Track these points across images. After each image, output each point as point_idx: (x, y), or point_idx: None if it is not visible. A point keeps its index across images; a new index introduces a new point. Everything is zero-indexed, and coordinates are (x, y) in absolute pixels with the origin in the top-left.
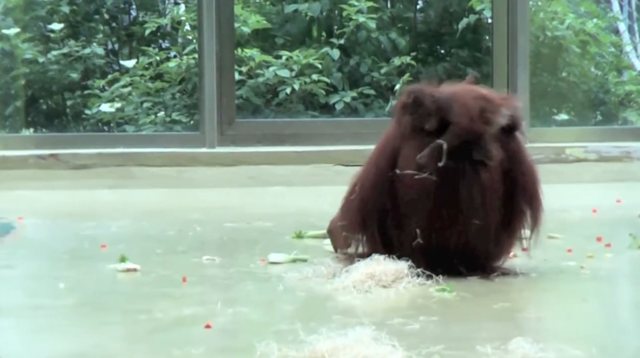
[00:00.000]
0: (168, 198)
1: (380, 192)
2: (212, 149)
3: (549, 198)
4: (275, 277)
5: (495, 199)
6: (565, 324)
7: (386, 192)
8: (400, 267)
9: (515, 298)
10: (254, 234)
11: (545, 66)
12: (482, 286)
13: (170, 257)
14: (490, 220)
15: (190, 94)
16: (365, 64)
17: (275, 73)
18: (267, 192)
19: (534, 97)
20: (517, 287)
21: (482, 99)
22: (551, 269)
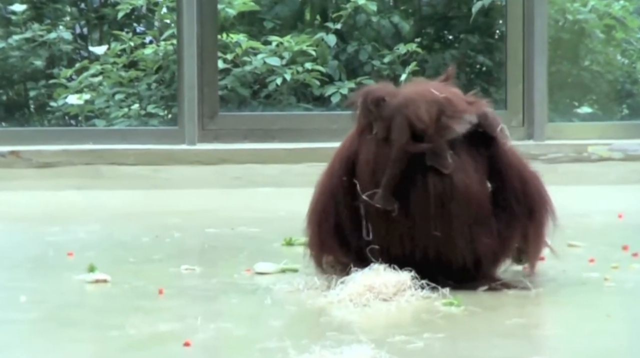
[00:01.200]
0: (143, 200)
1: (338, 202)
2: (193, 146)
3: (569, 202)
4: (263, 289)
5: (468, 206)
6: (587, 342)
7: (344, 202)
8: (403, 278)
9: (530, 313)
10: (239, 241)
11: (566, 53)
12: (493, 299)
13: (145, 266)
14: (455, 230)
15: (168, 84)
16: (365, 51)
17: (264, 61)
18: (254, 193)
19: (552, 88)
20: (532, 300)
21: (439, 103)
22: (571, 281)
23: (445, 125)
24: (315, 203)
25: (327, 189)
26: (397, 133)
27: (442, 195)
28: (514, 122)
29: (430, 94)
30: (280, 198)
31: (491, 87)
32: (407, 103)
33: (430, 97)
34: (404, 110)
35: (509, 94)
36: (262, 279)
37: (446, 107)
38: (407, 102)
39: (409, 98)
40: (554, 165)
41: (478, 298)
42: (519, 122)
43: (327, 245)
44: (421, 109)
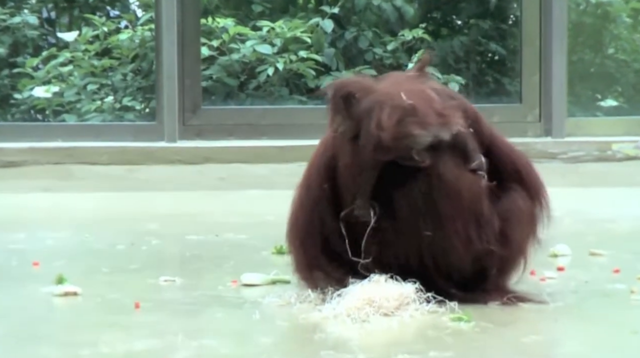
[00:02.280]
0: (117, 203)
1: (322, 214)
2: (172, 143)
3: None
4: (250, 302)
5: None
6: None
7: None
8: (406, 291)
9: (548, 329)
10: (224, 249)
11: (588, 41)
12: (507, 314)
13: (120, 277)
14: (448, 229)
15: (146, 75)
16: (365, 38)
17: (253, 49)
18: (241, 196)
19: (573, 79)
20: (551, 315)
21: (404, 110)
22: (594, 293)
23: (406, 133)
24: (295, 220)
25: (306, 202)
26: (364, 138)
27: (430, 191)
28: (529, 117)
29: (398, 98)
30: (270, 202)
31: (504, 78)
32: (374, 106)
33: (396, 102)
34: (371, 113)
35: (524, 86)
36: (249, 292)
37: (410, 115)
38: (374, 104)
39: (377, 100)
40: (574, 165)
41: (490, 312)
42: (536, 117)
43: (316, 265)
44: (383, 115)
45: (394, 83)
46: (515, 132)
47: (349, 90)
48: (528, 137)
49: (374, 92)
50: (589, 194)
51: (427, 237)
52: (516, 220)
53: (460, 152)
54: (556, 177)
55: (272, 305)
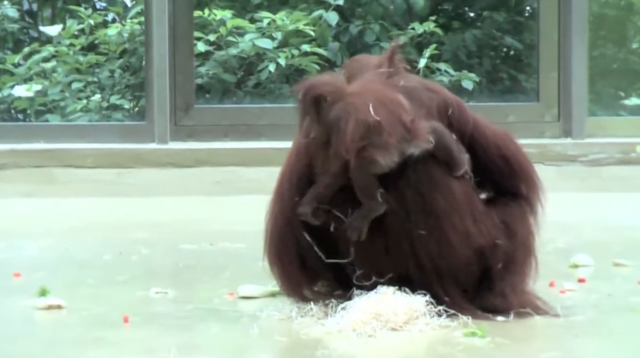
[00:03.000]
0: (104, 210)
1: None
2: (164, 145)
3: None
4: (248, 316)
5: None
6: None
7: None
8: (416, 304)
9: (568, 346)
10: (220, 259)
11: (610, 34)
12: (524, 329)
13: (107, 289)
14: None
15: (135, 71)
16: (371, 32)
17: (252, 43)
18: (238, 202)
19: (594, 76)
20: (571, 330)
21: (368, 127)
22: (617, 307)
23: (368, 158)
24: (270, 237)
25: (279, 215)
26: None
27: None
28: (547, 116)
29: (365, 112)
30: None
31: (520, 75)
32: (341, 117)
33: (362, 117)
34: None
35: (541, 83)
36: (247, 304)
37: (375, 133)
38: (341, 115)
39: (345, 110)
40: (596, 168)
41: (505, 327)
42: (554, 117)
43: (293, 282)
44: (348, 132)
45: (366, 84)
46: (532, 133)
47: (319, 93)
48: (546, 138)
49: (344, 97)
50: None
51: (422, 237)
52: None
53: (444, 156)
54: (576, 181)
55: (271, 319)
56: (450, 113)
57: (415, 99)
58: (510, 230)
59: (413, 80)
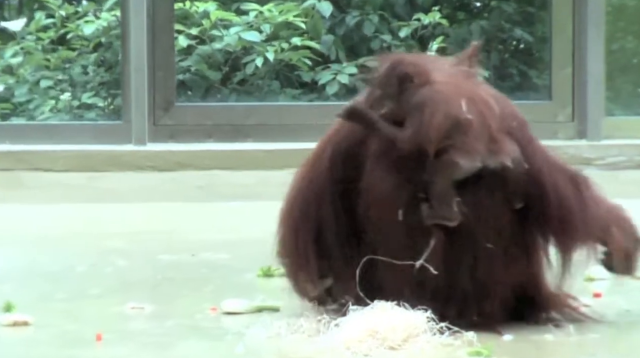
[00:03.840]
0: (75, 217)
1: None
2: (141, 146)
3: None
4: (233, 333)
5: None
6: None
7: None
8: (416, 320)
9: None
10: (202, 271)
11: (630, 26)
12: (533, 348)
13: (79, 304)
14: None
15: (110, 67)
16: (370, 24)
17: (239, 36)
18: (222, 209)
19: (612, 72)
20: (585, 348)
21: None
22: (636, 323)
23: (449, 160)
24: (292, 202)
25: (309, 185)
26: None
27: (495, 199)
28: (561, 116)
29: (456, 107)
30: (257, 215)
31: (531, 70)
32: (428, 104)
33: (452, 111)
34: (423, 111)
35: (554, 79)
36: (231, 321)
37: (461, 133)
38: (428, 103)
39: (433, 99)
40: (613, 172)
41: (513, 346)
42: (568, 116)
43: (302, 257)
44: (434, 123)
45: (450, 77)
46: (544, 134)
47: (407, 71)
48: (559, 140)
49: (431, 84)
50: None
51: (487, 250)
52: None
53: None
54: None
55: (258, 336)
56: (514, 125)
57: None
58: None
59: (489, 87)
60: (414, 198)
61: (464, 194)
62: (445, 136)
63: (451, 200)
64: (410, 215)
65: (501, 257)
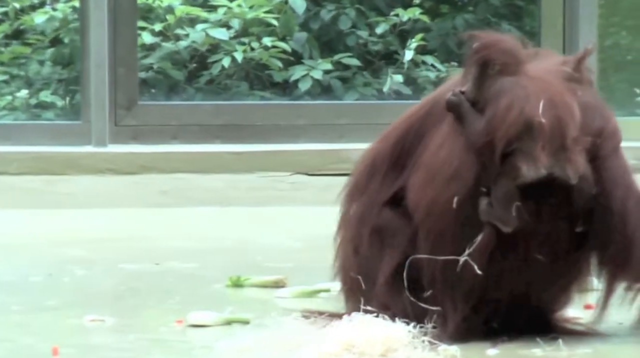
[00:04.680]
0: (31, 223)
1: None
2: (102, 148)
3: None
4: (200, 347)
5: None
6: None
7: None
8: (396, 333)
9: None
10: (168, 281)
11: (625, 20)
12: None
13: (34, 316)
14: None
15: (69, 63)
16: (347, 18)
17: (206, 33)
18: (188, 215)
19: (605, 69)
20: None
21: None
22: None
23: (512, 163)
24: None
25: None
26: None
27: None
28: None
29: (533, 106)
30: (225, 222)
31: None
32: (505, 96)
33: (527, 110)
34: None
35: None
36: (198, 334)
37: (531, 137)
38: (506, 94)
39: (512, 91)
40: None
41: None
42: None
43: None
44: (506, 119)
45: (544, 74)
46: None
47: (490, 58)
48: None
49: (517, 74)
50: None
51: (535, 263)
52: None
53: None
54: None
55: (227, 350)
56: (597, 142)
57: (582, 116)
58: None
59: (590, 95)
60: (476, 190)
61: (527, 201)
62: (515, 136)
63: (511, 205)
64: (466, 206)
65: (548, 274)
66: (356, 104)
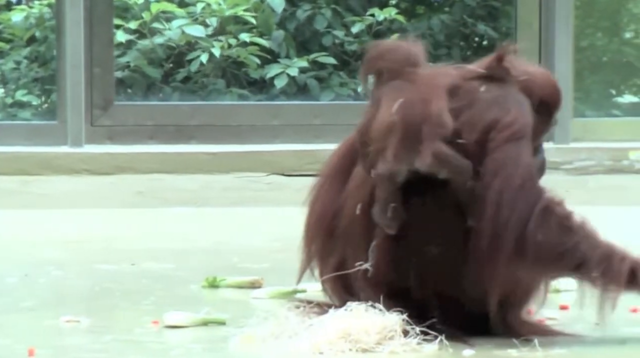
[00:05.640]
0: (6, 224)
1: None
2: (78, 148)
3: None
4: (176, 347)
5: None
6: None
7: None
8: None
9: None
10: (143, 282)
11: (601, 22)
12: None
13: (10, 317)
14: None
15: (45, 62)
16: (323, 18)
17: (182, 30)
18: (164, 215)
19: (581, 70)
20: None
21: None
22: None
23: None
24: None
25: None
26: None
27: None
28: None
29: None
30: (201, 223)
31: None
32: (381, 101)
33: (386, 110)
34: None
35: None
36: (174, 335)
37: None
38: (382, 99)
39: (388, 95)
40: (582, 177)
41: None
42: None
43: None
44: (374, 124)
45: (430, 77)
46: None
47: (382, 67)
48: None
49: (406, 79)
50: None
51: (433, 256)
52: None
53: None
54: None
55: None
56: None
57: (479, 109)
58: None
59: (497, 91)
60: (371, 196)
61: (411, 200)
62: (376, 137)
63: (387, 206)
64: (366, 212)
65: (451, 266)
66: (332, 104)
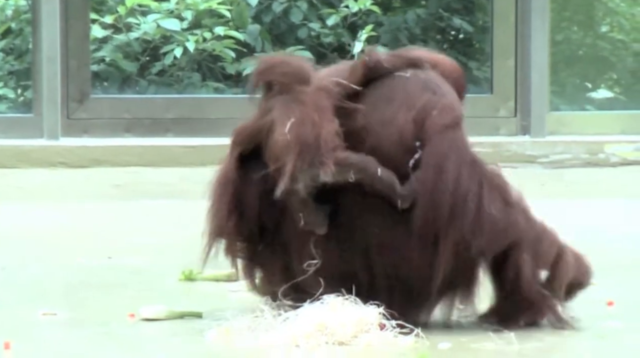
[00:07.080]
0: None
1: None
2: (54, 141)
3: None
4: (152, 340)
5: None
6: None
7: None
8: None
9: None
10: (120, 275)
11: (576, 15)
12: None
13: None
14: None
15: (20, 55)
16: (299, 10)
17: (157, 24)
18: (141, 208)
19: (556, 64)
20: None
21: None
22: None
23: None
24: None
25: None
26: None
27: None
28: (502, 111)
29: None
30: (178, 216)
31: (471, 62)
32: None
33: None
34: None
35: (495, 72)
36: (150, 328)
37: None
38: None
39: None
40: (558, 170)
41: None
42: (510, 111)
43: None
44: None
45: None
46: (485, 130)
47: (270, 80)
48: (500, 136)
49: (292, 94)
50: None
51: (377, 236)
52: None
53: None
54: (535, 185)
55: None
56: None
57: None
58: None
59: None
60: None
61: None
62: (274, 158)
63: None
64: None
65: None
66: None
